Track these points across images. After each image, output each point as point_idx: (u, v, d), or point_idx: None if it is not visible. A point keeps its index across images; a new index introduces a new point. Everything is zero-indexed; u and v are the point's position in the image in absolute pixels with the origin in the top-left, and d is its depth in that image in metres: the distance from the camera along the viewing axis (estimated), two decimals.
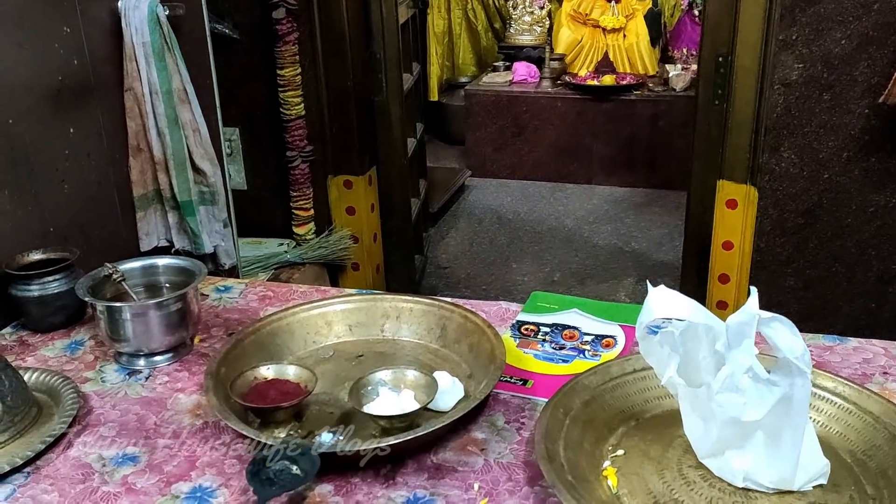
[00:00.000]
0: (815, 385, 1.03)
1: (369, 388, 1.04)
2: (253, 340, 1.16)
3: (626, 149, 4.23)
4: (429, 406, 1.03)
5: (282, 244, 2.46)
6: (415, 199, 2.95)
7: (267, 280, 2.29)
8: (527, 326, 1.27)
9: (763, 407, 0.87)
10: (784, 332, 0.86)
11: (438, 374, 1.06)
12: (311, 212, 2.50)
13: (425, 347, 1.21)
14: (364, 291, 1.38)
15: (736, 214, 2.21)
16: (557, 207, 3.98)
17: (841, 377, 1.02)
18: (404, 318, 1.25)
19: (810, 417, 0.97)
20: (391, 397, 1.02)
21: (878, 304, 2.19)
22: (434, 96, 4.93)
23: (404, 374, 1.05)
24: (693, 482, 0.91)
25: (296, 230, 2.50)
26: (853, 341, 1.19)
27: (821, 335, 1.21)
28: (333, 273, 2.58)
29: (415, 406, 1.00)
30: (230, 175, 2.43)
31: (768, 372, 0.88)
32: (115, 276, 1.21)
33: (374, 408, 1.01)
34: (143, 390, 1.13)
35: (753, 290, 0.87)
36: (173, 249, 1.66)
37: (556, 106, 4.28)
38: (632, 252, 3.41)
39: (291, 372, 1.06)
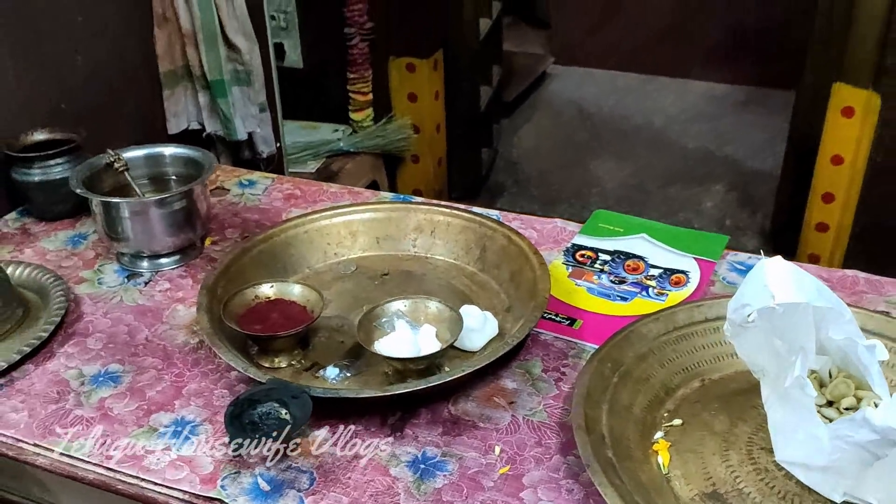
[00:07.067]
0: None
1: (383, 319, 0.88)
2: (263, 250, 1.02)
3: (732, 35, 3.75)
4: (454, 344, 0.88)
5: (336, 130, 2.29)
6: (486, 86, 2.70)
7: (318, 168, 2.14)
8: (583, 252, 1.08)
9: None
10: None
11: (467, 309, 0.89)
12: (370, 96, 2.30)
13: (461, 270, 1.04)
14: (401, 197, 1.21)
15: (851, 124, 1.90)
16: (646, 103, 3.64)
17: None
18: (440, 233, 1.07)
19: None
20: (408, 333, 0.86)
21: None
22: None
23: (426, 305, 0.89)
24: (765, 470, 0.74)
25: (352, 116, 2.31)
26: None
27: None
28: (392, 164, 2.41)
29: (434, 347, 0.84)
30: (286, 52, 2.27)
31: None
32: (117, 166, 1.07)
33: (386, 345, 0.85)
34: (141, 297, 1.01)
35: None
36: (204, 134, 1.51)
37: None
38: (724, 157, 3.10)
39: (296, 292, 0.92)
